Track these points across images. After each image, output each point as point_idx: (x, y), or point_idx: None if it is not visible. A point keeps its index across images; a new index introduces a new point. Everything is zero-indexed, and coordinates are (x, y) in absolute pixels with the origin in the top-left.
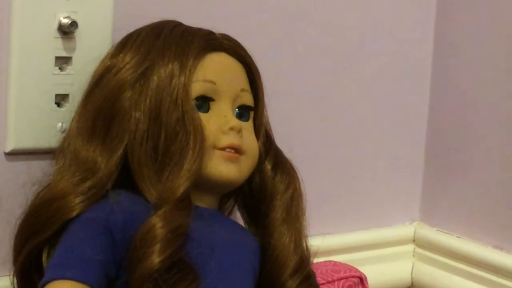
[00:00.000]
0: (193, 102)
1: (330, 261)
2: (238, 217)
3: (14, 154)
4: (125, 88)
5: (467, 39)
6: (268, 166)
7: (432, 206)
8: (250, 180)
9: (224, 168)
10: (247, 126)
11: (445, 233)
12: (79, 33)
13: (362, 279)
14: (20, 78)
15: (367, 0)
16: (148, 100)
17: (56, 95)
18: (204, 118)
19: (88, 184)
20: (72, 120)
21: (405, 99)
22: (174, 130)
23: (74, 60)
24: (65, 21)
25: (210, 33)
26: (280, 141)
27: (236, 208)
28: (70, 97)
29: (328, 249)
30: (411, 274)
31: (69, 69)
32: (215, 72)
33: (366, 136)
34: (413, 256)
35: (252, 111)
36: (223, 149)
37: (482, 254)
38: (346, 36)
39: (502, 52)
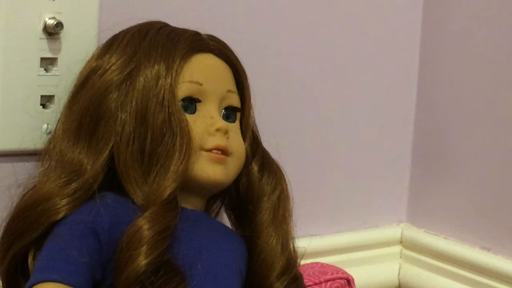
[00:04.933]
0: (180, 103)
1: (317, 263)
2: (225, 219)
3: None
4: (111, 89)
5: (454, 41)
6: (255, 168)
7: (419, 208)
8: (237, 181)
9: (210, 170)
10: (234, 128)
11: (432, 234)
12: (64, 34)
13: (349, 281)
14: (4, 79)
15: (354, 4)
16: (134, 102)
17: (42, 97)
18: (190, 119)
19: (74, 186)
20: (58, 122)
21: (392, 100)
22: (160, 131)
23: (59, 61)
24: (50, 22)
25: (196, 34)
26: (267, 143)
27: (223, 209)
28: (56, 98)
29: (315, 251)
30: (398, 276)
31: (54, 70)
32: (202, 73)
33: (353, 138)
34: (400, 257)
35: (239, 112)
36: (209, 150)
37: (469, 255)
38: (333, 36)
39: (490, 53)
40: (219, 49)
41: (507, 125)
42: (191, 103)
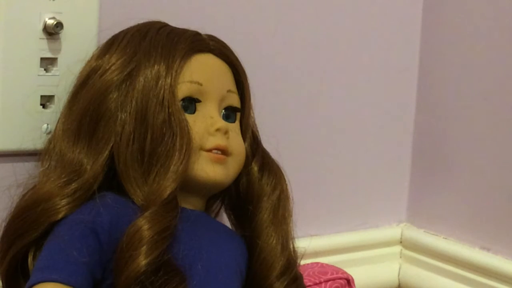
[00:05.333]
0: (180, 103)
1: (317, 263)
2: (225, 219)
3: None
4: (111, 89)
5: (454, 41)
6: (255, 168)
7: (419, 208)
8: (237, 181)
9: (210, 170)
10: (234, 128)
11: (432, 234)
12: (64, 34)
13: (349, 281)
14: (4, 80)
15: (354, 1)
16: (134, 102)
17: (42, 97)
18: (190, 119)
19: (74, 186)
20: (58, 122)
21: (392, 100)
22: (160, 131)
23: (59, 61)
24: (50, 22)
25: (196, 34)
26: (267, 143)
27: (222, 209)
28: (56, 98)
29: (315, 251)
30: (398, 276)
31: (54, 70)
32: (202, 73)
33: (353, 138)
34: (400, 257)
35: (239, 112)
36: (209, 150)
37: (469, 255)
38: (333, 36)
39: (490, 53)
40: (219, 49)
41: (507, 125)
42: (191, 103)
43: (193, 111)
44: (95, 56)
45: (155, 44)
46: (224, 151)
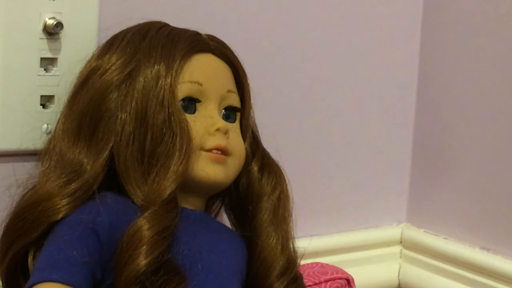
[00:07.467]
0: (180, 103)
1: (317, 263)
2: (225, 219)
3: None
4: (111, 89)
5: (454, 41)
6: (255, 168)
7: (419, 208)
8: (237, 181)
9: (210, 170)
10: (234, 128)
11: (432, 234)
12: (64, 34)
13: (349, 281)
14: (5, 80)
15: (354, 4)
16: (134, 102)
17: (42, 97)
18: (190, 119)
19: (74, 186)
20: (58, 122)
21: (392, 101)
22: (160, 131)
23: (59, 61)
24: (50, 22)
25: (196, 34)
26: (267, 143)
27: (222, 209)
28: (56, 98)
29: (315, 251)
30: (398, 276)
31: (54, 70)
32: (202, 73)
33: (353, 138)
34: (400, 257)
35: (239, 112)
36: (209, 150)
37: (469, 255)
38: (333, 37)
39: (490, 53)
40: (219, 49)
41: (507, 125)
42: (191, 103)
43: (193, 111)
44: (95, 56)
45: (155, 44)
46: (224, 151)
